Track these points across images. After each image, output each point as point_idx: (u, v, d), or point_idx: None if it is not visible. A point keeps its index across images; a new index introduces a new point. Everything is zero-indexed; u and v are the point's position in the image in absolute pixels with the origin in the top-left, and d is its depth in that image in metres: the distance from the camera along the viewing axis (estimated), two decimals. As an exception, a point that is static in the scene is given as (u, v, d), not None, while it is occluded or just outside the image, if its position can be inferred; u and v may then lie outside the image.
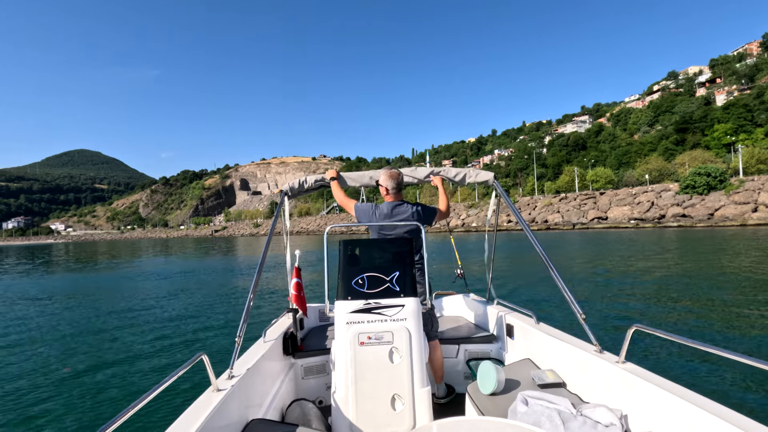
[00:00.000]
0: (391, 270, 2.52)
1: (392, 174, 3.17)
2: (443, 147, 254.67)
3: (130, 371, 6.03)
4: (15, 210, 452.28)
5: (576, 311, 2.47)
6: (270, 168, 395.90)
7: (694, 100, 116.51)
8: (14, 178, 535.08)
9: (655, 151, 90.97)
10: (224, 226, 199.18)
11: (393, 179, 3.15)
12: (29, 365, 6.48)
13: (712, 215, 50.37)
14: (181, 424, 1.60)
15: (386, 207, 3.12)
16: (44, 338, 8.18)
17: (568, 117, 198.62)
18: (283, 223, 3.73)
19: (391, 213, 3.08)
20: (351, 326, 2.37)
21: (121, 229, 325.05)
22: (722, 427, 1.46)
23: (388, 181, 3.16)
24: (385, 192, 3.20)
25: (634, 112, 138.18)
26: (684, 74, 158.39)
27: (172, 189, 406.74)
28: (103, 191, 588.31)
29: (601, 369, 2.17)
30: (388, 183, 3.16)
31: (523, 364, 2.73)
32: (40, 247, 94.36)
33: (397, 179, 3.16)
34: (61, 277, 21.70)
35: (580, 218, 63.46)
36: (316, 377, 3.17)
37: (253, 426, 2.04)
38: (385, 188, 3.18)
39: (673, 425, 1.68)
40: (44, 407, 4.89)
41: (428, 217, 3.18)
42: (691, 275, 12.88)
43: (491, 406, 2.27)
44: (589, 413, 1.98)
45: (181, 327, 8.65)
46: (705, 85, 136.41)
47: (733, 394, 4.58)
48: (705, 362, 5.44)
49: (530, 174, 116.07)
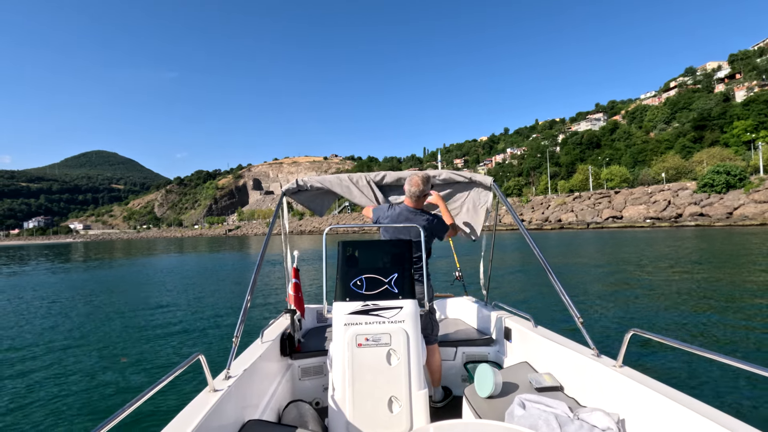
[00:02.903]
0: (390, 272, 2.52)
1: (411, 180, 3.04)
2: (455, 146, 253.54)
3: (126, 371, 6.02)
4: (35, 210, 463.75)
5: (574, 315, 2.44)
6: (282, 168, 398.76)
7: (712, 97, 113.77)
8: (35, 179, 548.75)
9: (672, 149, 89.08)
10: (237, 225, 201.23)
11: (409, 184, 3.04)
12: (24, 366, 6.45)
13: (731, 214, 49.16)
14: (176, 425, 1.59)
15: (403, 210, 3.05)
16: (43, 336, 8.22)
17: (582, 115, 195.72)
18: (282, 223, 3.73)
19: (404, 217, 3.02)
20: (349, 327, 2.37)
21: (137, 228, 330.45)
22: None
23: (406, 186, 3.06)
24: (406, 194, 3.12)
25: (650, 109, 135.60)
26: (702, 70, 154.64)
27: (187, 189, 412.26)
28: (120, 191, 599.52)
29: (599, 373, 2.15)
30: (409, 189, 3.05)
31: (521, 368, 2.70)
32: (60, 246, 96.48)
33: (411, 186, 3.02)
34: (65, 276, 22.15)
35: (594, 217, 62.56)
36: (313, 378, 3.17)
37: (249, 427, 2.04)
38: (407, 190, 3.09)
39: (670, 430, 1.68)
40: (37, 406, 4.88)
41: (439, 233, 3.13)
42: (703, 277, 12.61)
43: (488, 409, 2.25)
44: (585, 417, 1.96)
45: (178, 327, 8.64)
46: (724, 81, 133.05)
47: (730, 399, 4.54)
48: (702, 367, 5.39)
49: (543, 173, 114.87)
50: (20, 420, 4.57)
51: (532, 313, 3.07)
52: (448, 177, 3.47)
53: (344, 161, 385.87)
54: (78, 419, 4.56)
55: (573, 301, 2.51)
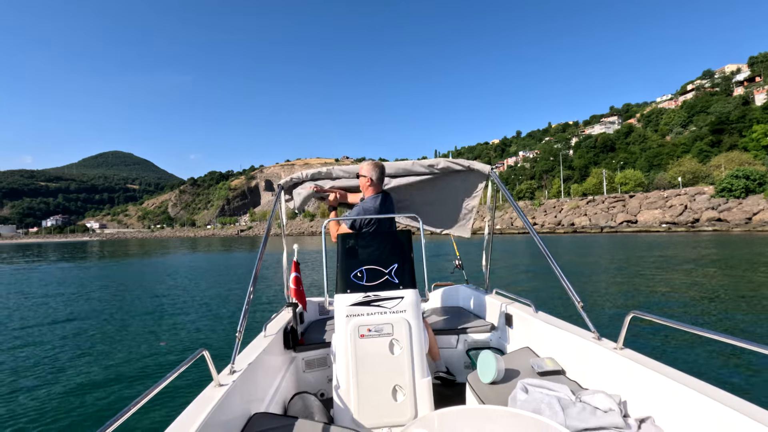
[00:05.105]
0: (390, 262, 2.54)
1: (376, 163, 3.07)
2: (466, 148, 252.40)
3: (130, 369, 6.02)
4: (54, 209, 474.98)
5: (574, 299, 2.44)
6: (294, 169, 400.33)
7: (731, 100, 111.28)
8: (53, 179, 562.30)
9: (689, 152, 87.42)
10: (249, 226, 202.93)
11: (377, 168, 3.04)
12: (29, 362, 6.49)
13: (750, 219, 47.98)
14: (184, 420, 1.60)
15: (371, 201, 3.00)
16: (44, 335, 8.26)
17: (596, 118, 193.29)
18: (281, 218, 3.75)
19: (379, 205, 2.99)
20: (351, 319, 2.40)
21: (152, 228, 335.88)
22: (720, 411, 1.47)
23: (373, 171, 3.02)
24: (368, 183, 3.03)
25: (667, 112, 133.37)
26: (720, 73, 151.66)
27: (200, 189, 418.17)
28: (135, 191, 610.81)
29: (600, 356, 2.16)
30: (373, 173, 3.02)
31: (523, 353, 2.71)
32: (76, 244, 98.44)
33: (378, 167, 3.05)
34: (79, 272, 22.60)
35: (608, 221, 61.63)
36: (317, 370, 3.20)
37: (255, 420, 2.06)
38: (369, 179, 3.02)
39: (670, 410, 1.69)
40: (43, 404, 4.87)
41: None
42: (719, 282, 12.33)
43: (491, 395, 2.25)
44: (588, 399, 1.97)
45: (182, 323, 8.68)
46: (743, 83, 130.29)
47: (730, 378, 4.52)
48: (702, 347, 5.39)
49: (556, 176, 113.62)
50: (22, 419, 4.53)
51: (533, 299, 3.08)
52: (446, 166, 3.40)
53: (355, 163, 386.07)
54: (84, 418, 4.54)
55: (573, 286, 2.50)
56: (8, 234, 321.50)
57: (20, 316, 10.15)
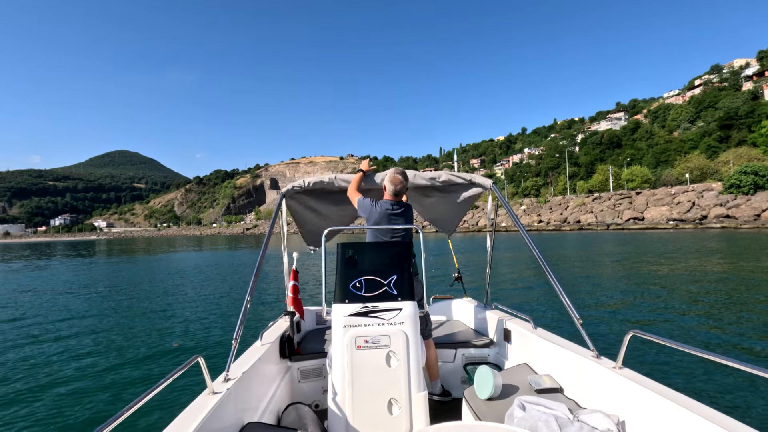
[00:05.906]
0: (389, 273, 2.51)
1: (394, 179, 3.16)
2: (471, 146, 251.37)
3: (123, 374, 5.95)
4: (62, 208, 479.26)
5: (573, 316, 2.41)
6: (299, 168, 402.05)
7: (739, 95, 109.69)
8: (61, 178, 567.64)
9: (697, 148, 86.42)
10: (255, 224, 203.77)
11: (392, 183, 3.16)
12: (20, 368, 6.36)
13: (759, 216, 47.43)
14: (175, 428, 1.58)
15: (385, 204, 3.13)
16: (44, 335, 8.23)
17: (602, 114, 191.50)
18: (281, 225, 3.73)
19: (390, 211, 3.09)
20: (348, 330, 2.37)
21: (158, 226, 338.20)
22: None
23: (388, 185, 3.18)
24: (385, 190, 3.25)
25: (674, 108, 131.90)
26: (729, 67, 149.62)
27: (205, 188, 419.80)
28: (141, 190, 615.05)
29: (598, 374, 2.14)
30: (388, 186, 3.19)
31: (521, 369, 2.68)
32: (84, 243, 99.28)
33: (396, 185, 3.15)
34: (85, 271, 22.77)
35: (614, 218, 61.20)
36: (312, 381, 3.18)
37: (248, 429, 2.04)
38: (384, 188, 3.25)
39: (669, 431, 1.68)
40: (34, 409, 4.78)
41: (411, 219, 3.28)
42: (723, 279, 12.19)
43: (488, 411, 2.23)
44: (585, 419, 1.95)
45: (177, 329, 8.57)
46: (752, 78, 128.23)
47: (730, 401, 4.47)
48: (702, 368, 5.32)
49: (562, 173, 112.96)
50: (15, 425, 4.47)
51: (532, 314, 3.06)
52: (448, 179, 3.40)
53: (360, 161, 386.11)
54: (76, 422, 4.48)
55: (572, 302, 2.48)
56: (17, 233, 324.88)
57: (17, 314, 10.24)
